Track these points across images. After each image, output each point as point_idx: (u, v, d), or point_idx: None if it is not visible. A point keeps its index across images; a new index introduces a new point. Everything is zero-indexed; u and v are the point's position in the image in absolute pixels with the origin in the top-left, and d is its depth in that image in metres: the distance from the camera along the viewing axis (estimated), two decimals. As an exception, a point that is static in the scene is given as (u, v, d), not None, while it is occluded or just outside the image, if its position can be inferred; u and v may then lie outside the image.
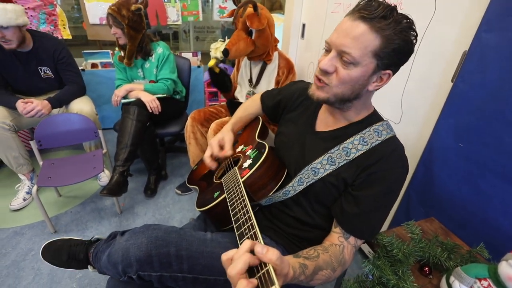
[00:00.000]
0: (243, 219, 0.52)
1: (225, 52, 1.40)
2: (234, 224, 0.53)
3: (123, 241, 0.68)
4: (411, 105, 1.10)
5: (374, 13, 0.55)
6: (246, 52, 1.46)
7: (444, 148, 0.94)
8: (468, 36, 0.84)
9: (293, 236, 0.77)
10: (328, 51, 0.63)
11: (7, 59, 1.53)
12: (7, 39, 1.40)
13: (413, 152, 1.07)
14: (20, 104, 1.45)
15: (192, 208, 1.74)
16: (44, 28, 2.20)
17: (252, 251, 0.41)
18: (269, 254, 0.39)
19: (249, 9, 1.39)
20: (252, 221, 0.50)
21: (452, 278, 0.64)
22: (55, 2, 2.23)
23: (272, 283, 0.35)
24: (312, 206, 0.74)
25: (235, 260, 0.40)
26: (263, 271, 0.38)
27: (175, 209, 1.73)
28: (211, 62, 1.53)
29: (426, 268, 0.72)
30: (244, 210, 0.55)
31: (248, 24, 1.38)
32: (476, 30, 0.80)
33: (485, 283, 0.58)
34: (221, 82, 1.62)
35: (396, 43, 0.57)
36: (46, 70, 1.64)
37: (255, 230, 0.47)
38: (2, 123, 1.46)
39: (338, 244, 0.65)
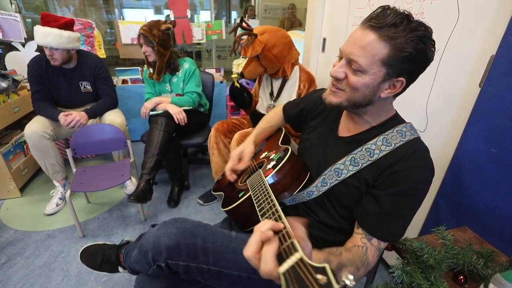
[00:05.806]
0: (268, 207, 0.53)
1: (241, 74, 1.62)
2: (259, 213, 0.54)
3: (154, 230, 0.71)
4: (436, 113, 1.08)
5: (383, 22, 0.56)
6: (257, 72, 1.61)
7: (475, 154, 0.91)
8: (494, 40, 0.84)
9: (318, 239, 0.76)
10: (340, 58, 0.65)
11: (55, 74, 1.70)
12: (54, 57, 1.59)
13: (441, 160, 1.04)
14: (61, 117, 1.60)
15: (213, 218, 1.76)
16: (82, 48, 2.42)
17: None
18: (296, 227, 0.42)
19: (248, 39, 1.51)
20: (276, 207, 0.51)
21: (491, 286, 0.60)
22: (93, 26, 2.45)
23: (296, 250, 0.36)
24: (336, 209, 0.74)
25: (256, 232, 0.43)
26: (287, 243, 0.39)
27: (197, 218, 1.74)
28: (235, 75, 1.64)
29: (461, 277, 0.68)
30: (269, 199, 0.56)
31: (242, 54, 1.55)
32: (503, 33, 0.80)
33: (528, 290, 0.54)
34: (240, 97, 1.69)
35: (407, 51, 0.56)
36: (86, 84, 1.80)
37: (279, 213, 0.48)
38: (43, 132, 1.59)
39: (361, 245, 0.64)
